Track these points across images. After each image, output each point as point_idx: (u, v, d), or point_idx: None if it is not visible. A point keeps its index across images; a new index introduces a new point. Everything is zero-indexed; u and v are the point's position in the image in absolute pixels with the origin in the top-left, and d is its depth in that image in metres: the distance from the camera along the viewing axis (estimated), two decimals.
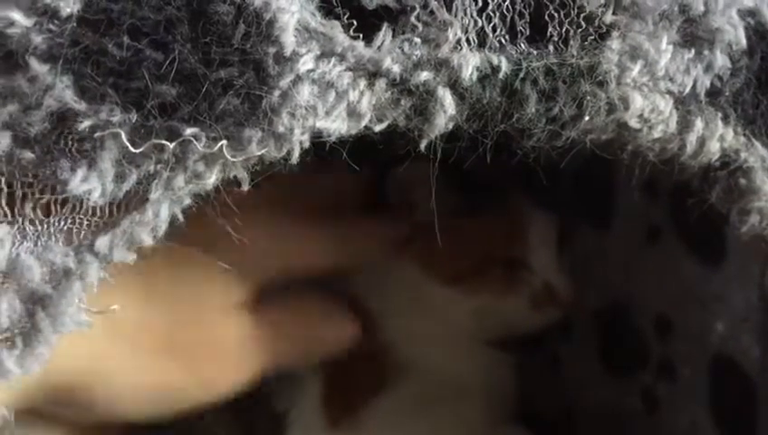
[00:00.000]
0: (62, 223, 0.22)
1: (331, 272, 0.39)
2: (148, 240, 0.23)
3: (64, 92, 0.21)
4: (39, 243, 0.22)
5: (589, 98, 0.27)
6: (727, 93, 0.29)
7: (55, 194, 0.22)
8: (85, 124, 0.21)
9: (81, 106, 0.21)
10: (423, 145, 0.25)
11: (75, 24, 0.21)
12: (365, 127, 0.24)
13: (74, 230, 0.22)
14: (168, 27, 0.22)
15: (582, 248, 0.48)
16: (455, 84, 0.25)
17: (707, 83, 0.29)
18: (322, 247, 0.37)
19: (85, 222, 0.22)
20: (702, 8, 0.28)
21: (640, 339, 0.45)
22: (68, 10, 0.21)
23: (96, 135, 0.21)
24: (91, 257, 0.22)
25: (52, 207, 0.22)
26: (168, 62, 0.21)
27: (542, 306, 0.45)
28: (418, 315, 0.44)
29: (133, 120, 0.21)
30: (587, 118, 0.27)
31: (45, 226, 0.22)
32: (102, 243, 0.22)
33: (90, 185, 0.21)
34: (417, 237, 0.42)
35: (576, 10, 0.27)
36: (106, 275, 0.23)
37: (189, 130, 0.21)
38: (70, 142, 0.22)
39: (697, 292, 0.41)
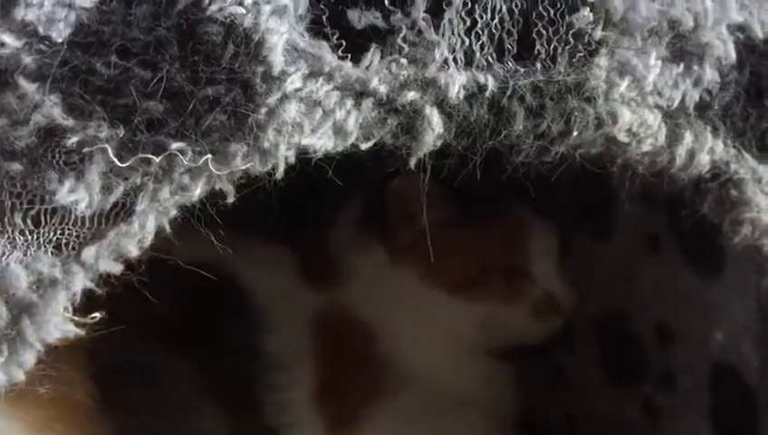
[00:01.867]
0: (51, 233, 0.23)
1: None
2: (134, 251, 0.23)
3: (52, 110, 0.22)
4: (28, 253, 0.23)
5: (576, 114, 0.27)
6: (716, 107, 0.29)
7: (44, 204, 0.23)
8: (73, 140, 0.22)
9: (68, 122, 0.22)
10: (412, 163, 0.25)
11: (66, 47, 0.22)
12: (352, 145, 0.24)
13: (63, 241, 0.23)
14: (158, 47, 0.22)
15: (583, 258, 0.48)
16: (442, 103, 0.25)
17: (696, 97, 0.29)
18: None
19: (74, 233, 0.23)
20: (691, 24, 0.28)
21: (641, 348, 0.45)
22: (59, 37, 0.22)
23: (84, 150, 0.22)
24: (78, 268, 0.23)
25: (41, 218, 0.23)
26: (155, 80, 0.22)
27: (543, 315, 0.46)
28: (418, 326, 0.45)
29: (120, 136, 0.22)
30: (575, 133, 0.27)
31: (35, 236, 0.23)
32: (89, 253, 0.23)
33: (77, 196, 0.22)
34: (418, 247, 0.43)
35: (565, 27, 0.27)
36: (92, 285, 0.23)
37: (175, 145, 0.22)
38: (57, 155, 0.22)
39: (697, 301, 0.41)
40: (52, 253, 0.23)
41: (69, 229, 0.23)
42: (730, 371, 0.40)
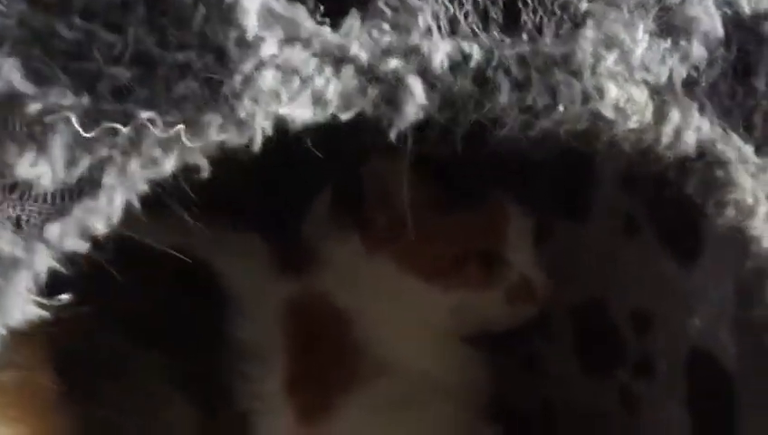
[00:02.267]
0: (11, 210, 0.21)
1: None
2: (101, 228, 0.22)
3: (11, 74, 0.20)
4: None
5: (563, 87, 0.26)
6: (704, 84, 0.28)
7: (3, 179, 0.21)
8: (34, 107, 0.20)
9: (28, 89, 0.20)
10: (393, 135, 0.24)
11: (25, 5, 0.20)
12: (331, 115, 0.23)
13: (23, 218, 0.21)
14: (123, 8, 0.21)
15: (560, 243, 0.48)
16: (425, 72, 0.24)
17: (683, 73, 0.28)
18: None
19: (36, 209, 0.21)
20: None
21: (617, 335, 0.45)
22: None
23: (46, 119, 0.20)
24: (41, 245, 0.21)
25: (0, 194, 0.21)
26: (121, 42, 0.21)
27: (518, 301, 0.45)
28: (394, 313, 0.44)
29: (85, 104, 0.21)
30: (561, 108, 0.26)
31: None
32: (53, 231, 0.21)
33: (39, 170, 0.20)
34: (394, 233, 0.42)
35: None
36: (56, 265, 0.22)
37: (145, 114, 0.21)
38: (17, 125, 0.21)
39: (674, 286, 0.40)
40: (12, 230, 0.21)
41: (30, 205, 0.21)
42: (707, 356, 0.39)
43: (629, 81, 0.27)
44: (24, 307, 0.22)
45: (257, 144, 0.22)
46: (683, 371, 0.41)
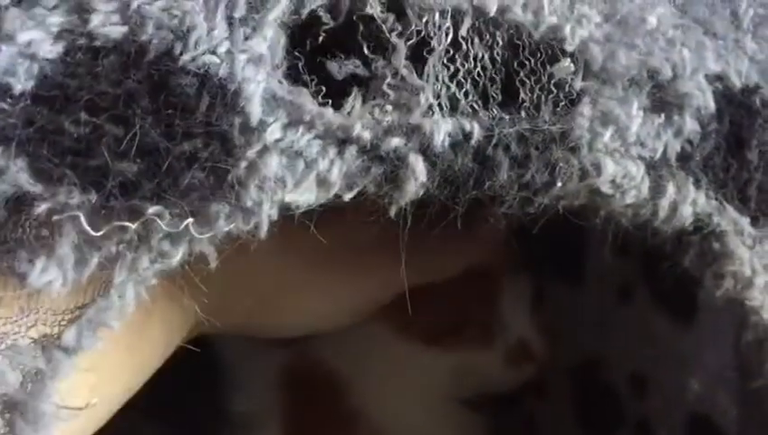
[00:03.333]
0: (26, 319, 0.21)
1: None
2: (115, 325, 0.21)
3: (19, 176, 0.20)
4: (5, 343, 0.21)
5: (561, 164, 0.26)
6: (698, 158, 0.29)
7: (15, 289, 0.21)
8: (42, 208, 0.20)
9: (37, 189, 0.20)
10: (392, 212, 0.24)
11: (29, 102, 0.20)
12: (334, 195, 0.23)
13: (39, 326, 0.21)
14: (128, 101, 0.21)
15: (556, 306, 0.48)
16: (426, 150, 0.24)
17: (678, 148, 0.28)
18: None
19: (50, 314, 0.21)
20: (670, 73, 0.28)
21: (615, 398, 0.45)
22: (20, 87, 0.20)
23: (54, 219, 0.20)
24: (60, 353, 0.21)
25: (15, 304, 0.21)
26: (128, 136, 0.20)
27: (517, 363, 0.45)
28: (390, 377, 0.44)
29: (93, 202, 0.20)
30: (559, 184, 0.27)
31: (10, 325, 0.21)
32: (69, 336, 0.21)
33: (50, 275, 0.20)
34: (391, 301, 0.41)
35: (546, 77, 0.26)
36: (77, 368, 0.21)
37: (152, 209, 0.20)
38: (27, 230, 0.20)
39: (671, 350, 0.40)
40: (30, 341, 0.21)
41: (44, 312, 0.21)
42: (706, 421, 0.39)
43: (626, 156, 0.28)
44: (55, 416, 0.21)
45: (263, 232, 0.22)
46: (683, 434, 0.41)
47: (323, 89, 0.23)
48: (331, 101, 0.24)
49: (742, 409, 0.36)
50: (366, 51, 0.24)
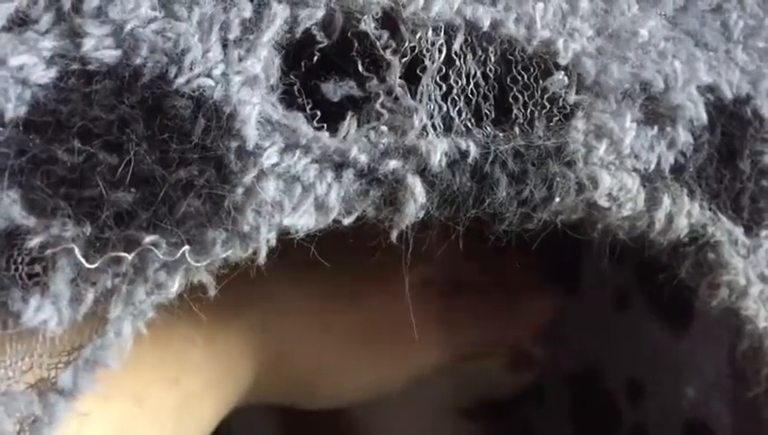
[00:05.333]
0: (21, 362, 0.20)
1: None
2: (113, 364, 0.21)
3: (12, 208, 0.19)
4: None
5: (558, 179, 0.26)
6: (691, 169, 0.29)
7: (8, 329, 0.20)
8: (35, 241, 0.19)
9: (29, 222, 0.19)
10: (394, 235, 0.24)
11: (21, 130, 0.20)
12: (334, 220, 0.23)
13: (34, 368, 0.20)
14: (122, 127, 0.20)
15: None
16: (424, 171, 0.24)
17: (671, 160, 0.28)
18: None
19: (45, 357, 0.20)
20: (662, 85, 0.28)
21: (612, 404, 0.45)
22: (11, 113, 0.20)
23: (47, 253, 0.19)
24: (56, 397, 0.20)
25: (7, 346, 0.20)
26: (123, 164, 0.20)
27: (518, 370, 0.46)
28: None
29: (87, 233, 0.20)
30: (557, 199, 0.26)
31: (3, 369, 0.20)
32: (66, 379, 0.20)
33: (45, 314, 0.19)
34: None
35: (540, 91, 0.26)
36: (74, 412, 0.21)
37: (148, 239, 0.20)
38: (20, 266, 0.20)
39: (667, 357, 0.40)
40: (25, 385, 0.20)
41: (39, 353, 0.20)
42: (702, 428, 0.39)
43: (621, 169, 0.28)
44: None
45: (262, 257, 0.22)
46: None
47: (318, 113, 0.23)
48: (326, 126, 0.23)
49: (737, 416, 0.36)
50: (360, 68, 0.24)
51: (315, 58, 0.24)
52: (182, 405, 0.27)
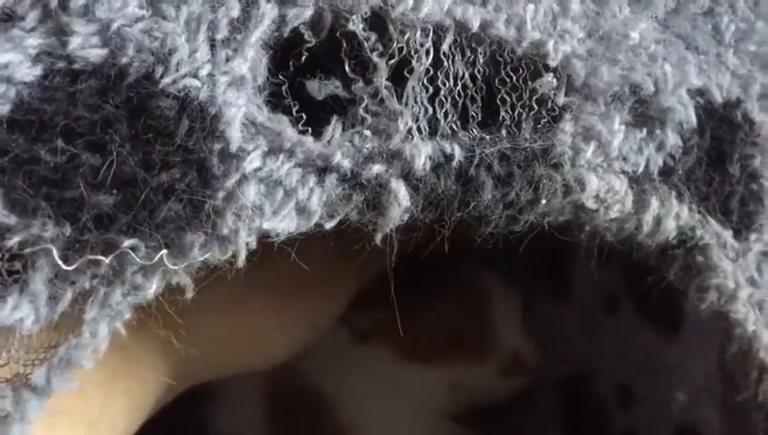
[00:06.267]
0: None
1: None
2: (88, 364, 0.21)
3: None
4: None
5: (545, 181, 0.26)
6: (680, 172, 0.29)
7: None
8: (14, 240, 0.19)
9: (10, 220, 0.19)
10: (378, 239, 0.24)
11: (5, 128, 0.20)
12: (316, 224, 0.23)
13: (11, 363, 0.20)
14: (105, 127, 0.20)
15: (544, 317, 0.48)
16: (408, 175, 0.24)
17: (660, 162, 0.28)
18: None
19: (22, 353, 0.20)
20: (652, 88, 0.28)
21: (603, 409, 0.45)
22: None
23: (26, 251, 0.19)
24: (29, 394, 0.20)
25: None
26: (105, 165, 0.20)
27: (510, 375, 0.45)
28: (381, 396, 0.43)
29: (67, 235, 0.20)
30: (544, 201, 0.26)
31: None
32: (39, 376, 0.20)
33: (22, 312, 0.19)
34: (386, 324, 0.41)
35: (528, 93, 0.26)
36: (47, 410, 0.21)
37: (127, 242, 0.20)
38: (0, 263, 0.20)
39: (656, 361, 0.40)
40: (2, 380, 0.21)
41: (15, 350, 0.20)
42: (692, 432, 0.39)
43: (608, 171, 0.28)
44: None
45: (242, 260, 0.22)
46: None
47: (304, 116, 0.23)
48: (311, 129, 0.23)
49: (727, 421, 0.36)
50: (347, 69, 0.24)
51: (303, 58, 0.24)
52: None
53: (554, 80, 0.27)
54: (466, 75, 0.26)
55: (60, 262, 0.19)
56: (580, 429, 0.47)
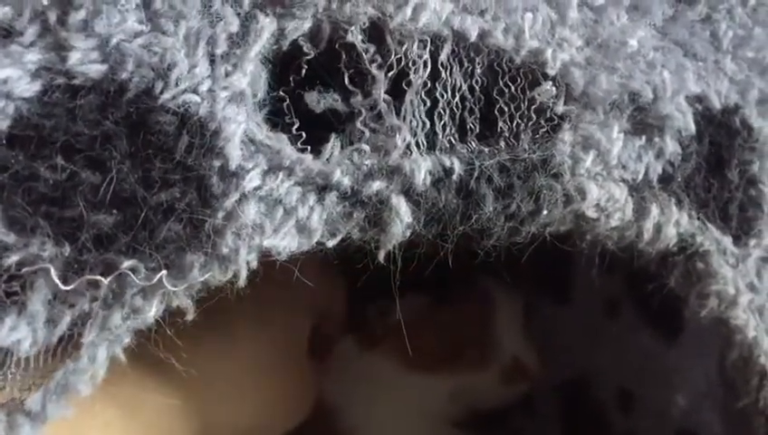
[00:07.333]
0: None
1: None
2: (85, 390, 0.20)
3: None
4: None
5: (545, 191, 0.26)
6: (679, 179, 0.29)
7: None
8: (12, 259, 0.19)
9: (9, 239, 0.19)
10: (381, 256, 0.24)
11: (4, 144, 0.19)
12: (317, 243, 0.22)
13: (8, 386, 0.20)
14: (105, 143, 0.20)
15: (545, 323, 0.48)
16: (408, 191, 0.24)
17: (659, 170, 0.28)
18: None
19: (18, 377, 0.20)
20: (651, 95, 0.28)
21: (603, 413, 0.45)
22: None
23: (24, 271, 0.19)
24: (23, 419, 0.20)
25: None
26: (104, 183, 0.20)
27: (512, 381, 0.45)
28: (385, 403, 0.44)
29: (66, 254, 0.20)
30: (545, 211, 0.26)
31: None
32: (34, 401, 0.20)
33: (19, 334, 0.19)
34: (391, 334, 0.42)
35: (526, 103, 0.26)
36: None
37: (127, 263, 0.20)
38: None
39: (657, 365, 0.40)
40: None
41: (11, 373, 0.20)
42: None
43: (608, 179, 0.27)
44: None
45: (242, 280, 0.21)
46: None
47: (303, 135, 0.23)
48: (309, 148, 0.23)
49: (728, 425, 0.36)
50: (346, 81, 0.24)
51: (303, 71, 0.24)
52: None
53: (553, 88, 0.26)
54: (464, 86, 0.26)
55: (58, 282, 0.19)
56: (581, 433, 0.47)
